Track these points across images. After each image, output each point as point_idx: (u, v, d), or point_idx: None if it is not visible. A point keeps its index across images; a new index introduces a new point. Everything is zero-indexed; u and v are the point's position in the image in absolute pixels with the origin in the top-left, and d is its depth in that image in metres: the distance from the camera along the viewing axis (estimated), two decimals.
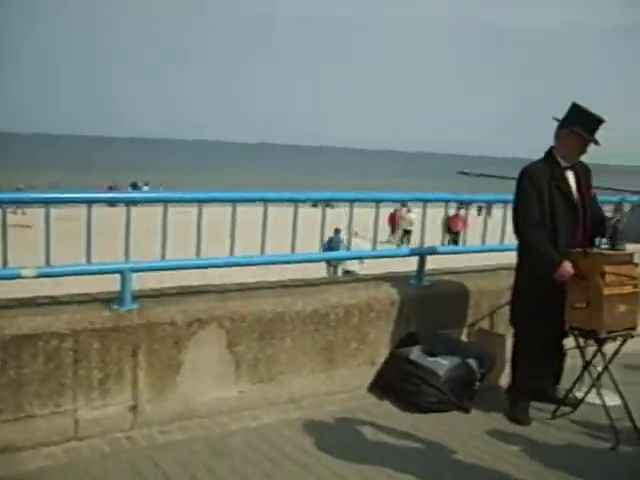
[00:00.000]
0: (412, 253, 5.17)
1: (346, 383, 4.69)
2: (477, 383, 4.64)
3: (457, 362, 4.63)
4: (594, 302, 4.13)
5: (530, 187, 4.33)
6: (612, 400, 4.51)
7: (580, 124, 4.30)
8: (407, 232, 26.84)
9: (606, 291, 4.12)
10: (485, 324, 5.38)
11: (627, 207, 6.52)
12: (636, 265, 4.29)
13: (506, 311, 5.41)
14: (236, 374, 4.26)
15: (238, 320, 4.21)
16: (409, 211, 26.60)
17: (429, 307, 5.06)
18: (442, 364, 4.62)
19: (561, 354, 4.73)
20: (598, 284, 4.12)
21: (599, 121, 4.32)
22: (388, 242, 24.47)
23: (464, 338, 5.23)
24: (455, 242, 23.40)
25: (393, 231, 27.54)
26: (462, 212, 20.42)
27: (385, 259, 5.41)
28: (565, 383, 4.70)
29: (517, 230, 4.46)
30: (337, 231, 16.56)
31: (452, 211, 20.98)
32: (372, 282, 5.07)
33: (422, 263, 5.15)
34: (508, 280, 5.51)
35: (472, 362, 4.65)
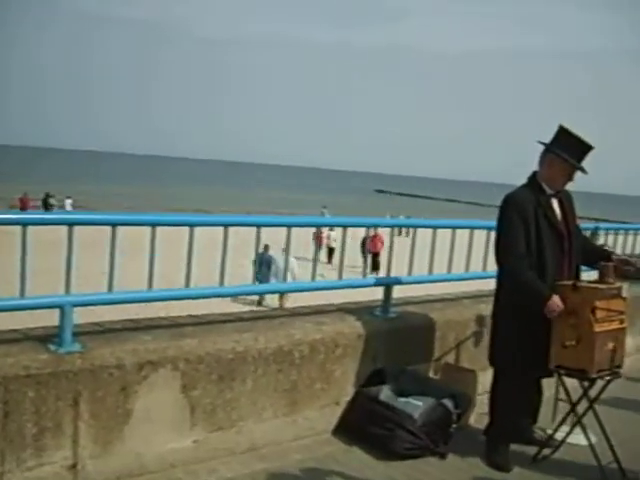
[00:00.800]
0: (378, 283, 4.78)
1: (311, 427, 4.23)
2: (453, 425, 4.27)
3: (432, 403, 4.25)
4: (585, 340, 3.84)
5: (515, 215, 4.01)
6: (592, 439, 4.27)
7: (567, 150, 4.03)
8: (331, 249, 26.64)
9: (597, 328, 3.84)
10: (451, 358, 5.05)
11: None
12: (624, 299, 4.04)
13: (471, 344, 5.13)
14: (191, 421, 3.74)
15: (194, 361, 3.70)
16: (331, 229, 26.40)
17: (396, 341, 4.68)
18: (417, 406, 4.23)
19: (539, 392, 4.44)
20: (589, 320, 3.84)
21: (588, 147, 4.06)
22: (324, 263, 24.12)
23: (431, 374, 4.87)
24: (375, 263, 23.20)
25: (319, 248, 27.07)
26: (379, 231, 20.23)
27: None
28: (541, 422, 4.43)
29: (500, 261, 4.14)
30: (266, 248, 16.06)
31: (372, 231, 20.81)
32: (336, 314, 4.65)
33: (388, 293, 4.77)
34: (473, 310, 5.26)
35: (448, 403, 4.28)
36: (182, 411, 3.70)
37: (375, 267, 22.85)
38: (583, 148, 4.05)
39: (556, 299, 3.89)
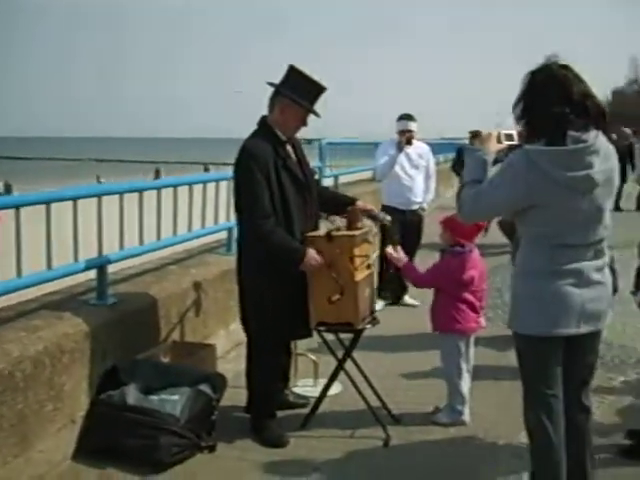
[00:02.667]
0: (89, 266, 3.88)
1: (49, 460, 3.31)
2: (215, 412, 3.76)
3: (189, 394, 3.66)
4: (347, 291, 3.66)
5: (256, 169, 3.57)
6: (336, 388, 4.22)
7: (300, 92, 3.69)
8: None
9: (358, 276, 3.69)
10: (176, 334, 4.47)
11: None
12: (370, 243, 3.96)
13: (192, 314, 4.64)
14: None
15: None
16: None
17: (122, 330, 3.93)
18: (174, 401, 3.60)
19: (289, 353, 4.18)
20: (350, 270, 3.66)
21: (321, 88, 3.78)
22: None
23: (163, 358, 4.23)
24: None
25: None
26: None
27: None
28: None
29: (244, 220, 3.69)
30: None
31: None
32: (48, 312, 3.69)
33: (102, 276, 3.95)
34: (188, 277, 4.76)
35: (205, 388, 3.73)
36: None
37: None
38: (316, 90, 3.76)
39: (312, 253, 3.62)
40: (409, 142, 6.50)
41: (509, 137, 2.90)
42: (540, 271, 2.69)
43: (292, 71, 3.72)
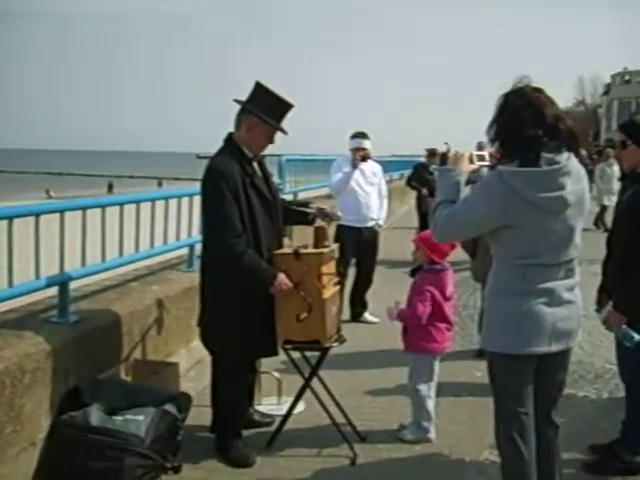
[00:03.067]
0: (51, 283, 3.78)
1: None
2: (181, 432, 3.68)
3: (154, 414, 3.56)
4: (315, 309, 3.65)
5: (225, 187, 3.54)
6: (301, 407, 4.21)
7: (267, 110, 3.69)
8: None
9: (325, 294, 3.69)
10: (138, 353, 4.39)
11: None
12: (336, 260, 3.97)
13: (154, 332, 4.57)
14: None
15: None
16: None
17: (84, 349, 3.83)
18: (138, 422, 3.50)
19: (254, 371, 4.14)
20: (317, 288, 3.66)
21: (288, 106, 3.78)
22: None
23: (125, 376, 4.16)
24: None
25: None
26: None
27: None
28: None
29: (212, 240, 3.66)
30: None
31: None
32: (7, 331, 3.57)
33: (64, 294, 3.85)
34: (151, 294, 4.71)
35: (171, 408, 3.65)
36: None
37: None
38: (283, 107, 3.76)
39: (282, 277, 3.60)
40: (364, 159, 6.55)
41: (481, 158, 2.95)
42: (513, 290, 2.73)
43: (258, 88, 3.71)
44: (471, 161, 2.92)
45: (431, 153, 10.32)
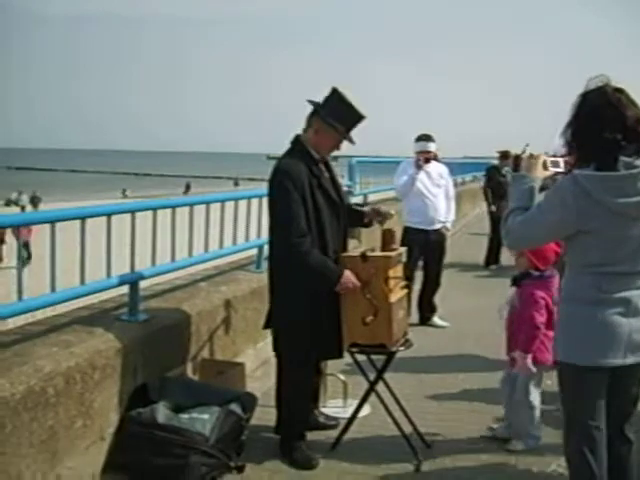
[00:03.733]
0: (123, 281, 3.87)
1: (78, 477, 3.29)
2: (245, 432, 3.71)
3: (219, 413, 3.62)
4: (382, 312, 3.61)
5: (292, 188, 3.55)
6: (366, 410, 4.16)
7: (338, 117, 3.67)
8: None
9: (392, 298, 3.64)
10: (206, 352, 4.44)
11: None
12: (404, 264, 3.92)
13: (222, 332, 4.61)
14: None
15: None
16: None
17: (153, 347, 3.90)
18: (204, 420, 3.55)
19: (318, 373, 4.13)
20: (384, 291, 3.61)
21: (360, 117, 3.75)
22: None
23: (193, 375, 4.21)
24: (29, 254, 19.17)
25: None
26: None
27: None
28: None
29: (279, 239, 3.66)
30: None
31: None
32: (79, 327, 3.67)
33: (135, 292, 3.93)
34: (219, 294, 4.76)
35: (236, 408, 3.68)
36: None
37: None
38: (355, 117, 3.74)
39: (349, 274, 3.58)
40: (428, 161, 6.47)
41: (555, 164, 2.84)
42: (587, 299, 2.62)
43: (334, 94, 3.70)
44: (545, 167, 2.82)
45: (504, 155, 10.06)
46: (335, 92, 3.69)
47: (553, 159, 2.85)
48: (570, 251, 2.69)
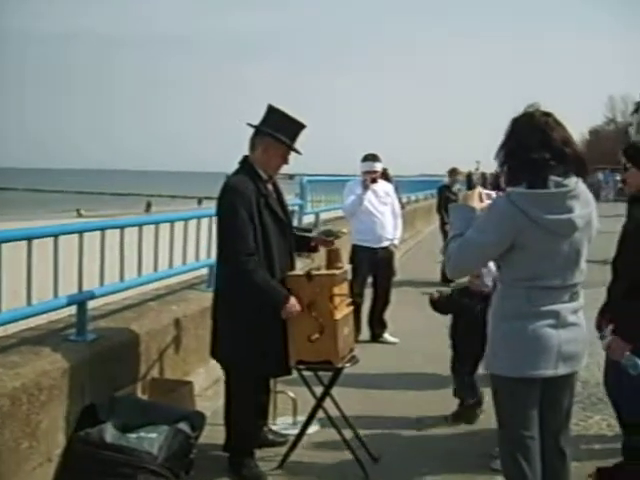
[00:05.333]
0: (71, 302, 3.88)
1: None
2: (194, 451, 3.73)
3: (168, 432, 3.62)
4: (327, 330, 3.69)
5: (240, 206, 3.63)
6: (315, 427, 4.23)
7: (281, 130, 3.77)
8: None
9: (337, 315, 3.72)
10: (155, 371, 4.46)
11: None
12: (348, 281, 4.01)
13: (172, 351, 4.64)
14: None
15: None
16: None
17: (101, 367, 3.91)
18: (152, 439, 3.56)
19: (268, 390, 4.18)
20: (329, 309, 3.70)
21: (301, 126, 3.86)
22: None
23: (142, 395, 4.22)
24: None
25: None
26: None
27: None
28: None
29: (226, 257, 3.73)
30: None
31: None
32: (25, 348, 3.66)
33: (83, 313, 3.93)
34: (168, 314, 4.77)
35: (184, 427, 3.70)
36: None
37: None
38: (296, 127, 3.84)
39: (293, 301, 3.66)
40: (374, 181, 6.64)
41: (489, 197, 2.97)
42: (519, 313, 2.73)
43: (271, 110, 3.80)
44: (481, 199, 2.94)
45: (452, 172, 10.29)
46: (271, 108, 3.80)
47: (487, 192, 3.00)
48: (502, 267, 2.80)
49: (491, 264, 4.18)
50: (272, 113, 3.80)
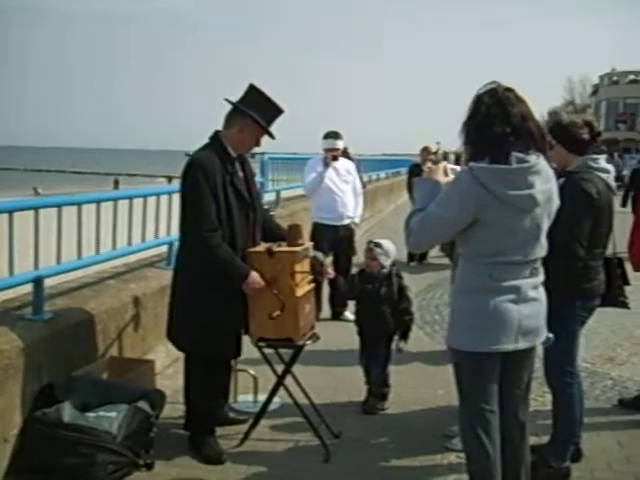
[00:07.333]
0: (25, 280, 3.80)
1: None
2: (154, 429, 3.70)
3: (127, 411, 3.59)
4: (288, 307, 3.68)
5: (204, 182, 3.57)
6: (276, 404, 4.24)
7: (260, 112, 3.71)
8: None
9: (298, 292, 3.71)
10: (114, 350, 4.40)
11: None
12: (310, 258, 3.99)
13: (131, 329, 4.59)
14: None
15: None
16: None
17: (58, 346, 3.85)
18: (111, 418, 3.53)
19: (229, 368, 4.16)
20: (290, 286, 3.68)
21: (280, 110, 3.80)
22: None
23: (101, 374, 4.16)
24: None
25: None
26: None
27: None
28: None
29: (188, 232, 3.67)
30: None
31: None
32: None
33: (39, 291, 3.86)
34: (127, 292, 4.72)
35: (144, 405, 3.67)
36: None
37: None
38: (274, 111, 3.78)
39: (255, 275, 3.63)
40: (335, 159, 6.62)
41: (454, 172, 2.98)
42: (479, 288, 2.76)
43: (252, 90, 3.73)
44: (446, 173, 2.95)
45: (423, 151, 10.28)
46: (253, 87, 3.73)
47: (452, 166, 3.00)
48: (464, 243, 2.81)
49: (390, 245, 4.26)
50: (253, 93, 3.73)
